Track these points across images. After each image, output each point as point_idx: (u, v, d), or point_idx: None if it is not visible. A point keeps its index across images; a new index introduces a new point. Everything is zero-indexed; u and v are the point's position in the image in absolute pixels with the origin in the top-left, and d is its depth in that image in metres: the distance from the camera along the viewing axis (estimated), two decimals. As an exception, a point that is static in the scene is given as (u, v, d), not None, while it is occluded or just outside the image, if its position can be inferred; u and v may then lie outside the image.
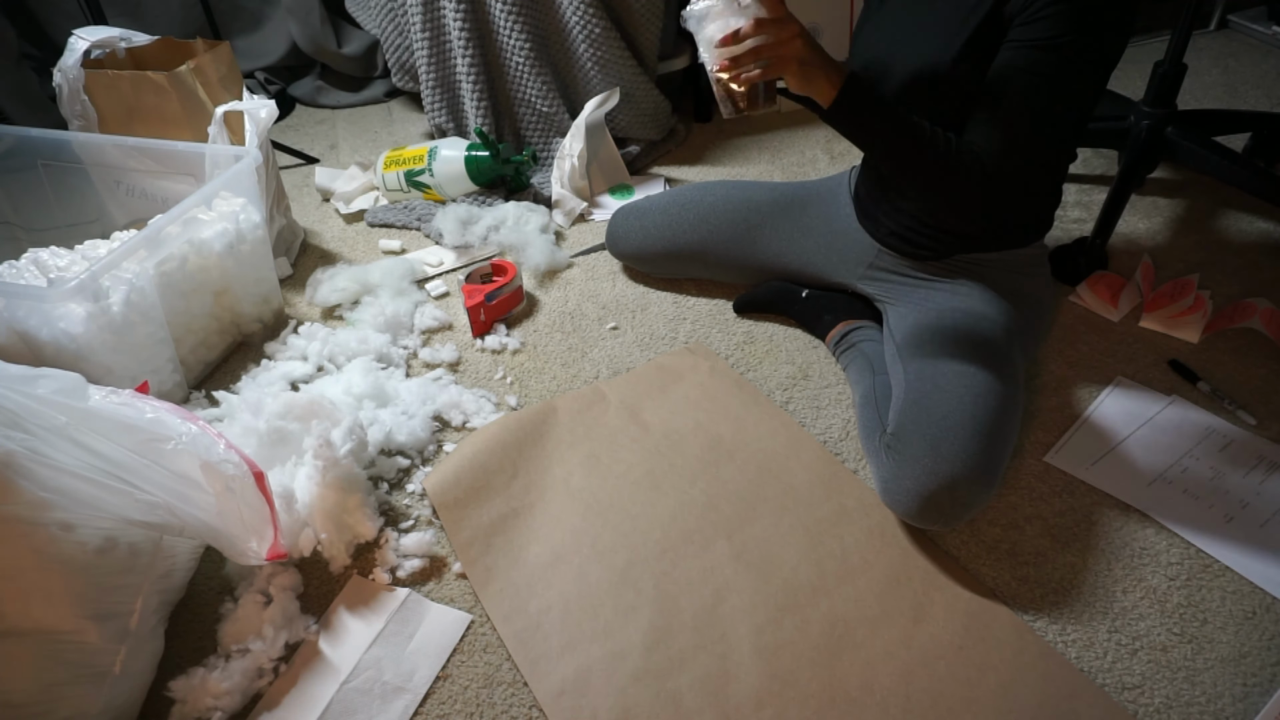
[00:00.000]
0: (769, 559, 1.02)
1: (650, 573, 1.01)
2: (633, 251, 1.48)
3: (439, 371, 1.34)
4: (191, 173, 1.41)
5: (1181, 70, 1.49)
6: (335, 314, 1.49)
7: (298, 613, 0.99)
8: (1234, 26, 2.33)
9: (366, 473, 1.13)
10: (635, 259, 1.50)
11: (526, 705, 0.91)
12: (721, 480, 1.12)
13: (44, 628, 0.80)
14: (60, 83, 1.50)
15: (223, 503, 0.90)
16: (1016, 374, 1.08)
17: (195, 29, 2.21)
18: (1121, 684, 0.89)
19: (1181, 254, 1.50)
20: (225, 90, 1.54)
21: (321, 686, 0.93)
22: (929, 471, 0.97)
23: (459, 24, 1.75)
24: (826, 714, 0.87)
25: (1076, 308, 1.39)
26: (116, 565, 0.85)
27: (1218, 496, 1.07)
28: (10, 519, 0.76)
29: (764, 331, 1.39)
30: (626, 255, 1.51)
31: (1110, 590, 0.98)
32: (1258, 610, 0.95)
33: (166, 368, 1.25)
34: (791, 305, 1.38)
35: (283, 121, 2.24)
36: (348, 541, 1.05)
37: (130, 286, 1.15)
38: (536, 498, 1.12)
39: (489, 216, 1.63)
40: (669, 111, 1.93)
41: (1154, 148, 1.52)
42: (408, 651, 0.96)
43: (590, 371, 1.34)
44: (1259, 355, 1.28)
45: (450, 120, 1.90)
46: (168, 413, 0.90)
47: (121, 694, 0.87)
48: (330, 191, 1.84)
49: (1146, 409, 1.19)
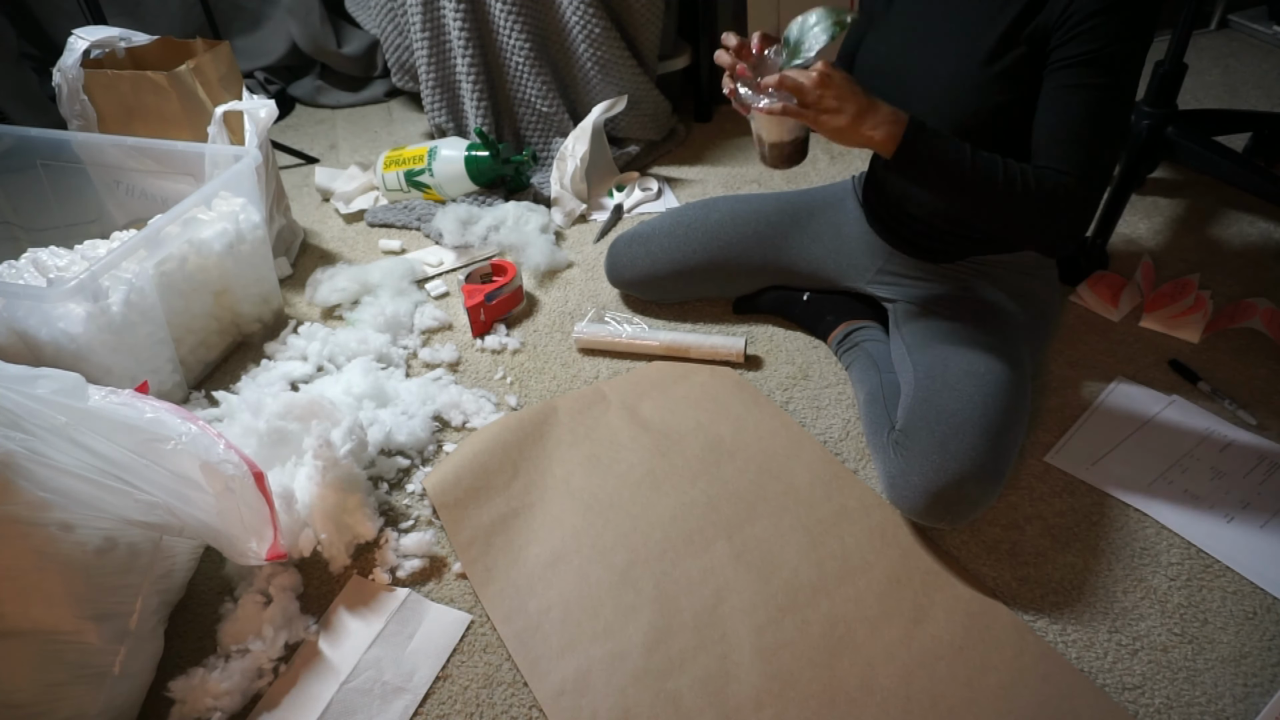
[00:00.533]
0: (769, 559, 1.02)
1: (650, 573, 1.01)
2: (639, 277, 1.42)
3: (439, 371, 1.34)
4: (191, 173, 1.41)
5: (1181, 70, 1.49)
6: (335, 314, 1.49)
7: (298, 613, 0.99)
8: (1234, 26, 2.33)
9: (366, 473, 1.13)
10: (641, 285, 1.43)
11: (526, 705, 0.91)
12: (722, 481, 1.12)
13: (44, 628, 0.80)
14: (60, 83, 1.50)
15: (222, 503, 0.90)
16: (1025, 374, 1.08)
17: (195, 29, 2.21)
18: (1122, 684, 0.89)
19: (1181, 254, 1.50)
20: (225, 90, 1.54)
21: (321, 687, 0.92)
22: (937, 469, 0.97)
23: (459, 24, 1.75)
24: (826, 714, 0.87)
25: (1077, 308, 1.39)
26: (116, 565, 0.85)
27: (1218, 496, 1.07)
28: (10, 519, 0.76)
29: (764, 332, 1.39)
30: (632, 283, 1.44)
31: (1110, 590, 0.98)
32: (1258, 610, 0.95)
33: (166, 368, 1.25)
34: (793, 309, 1.38)
35: (283, 121, 2.24)
36: (348, 542, 1.05)
37: (130, 286, 1.15)
38: (537, 498, 1.11)
39: (489, 216, 1.63)
40: (669, 112, 1.93)
41: (1154, 148, 1.52)
42: (408, 652, 0.96)
43: (590, 371, 1.34)
44: (1259, 355, 1.28)
45: (450, 120, 1.90)
46: (167, 413, 0.90)
47: (121, 694, 0.87)
48: (330, 191, 1.84)
49: (1147, 409, 1.19)
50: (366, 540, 1.07)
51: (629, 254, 1.42)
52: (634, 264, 1.41)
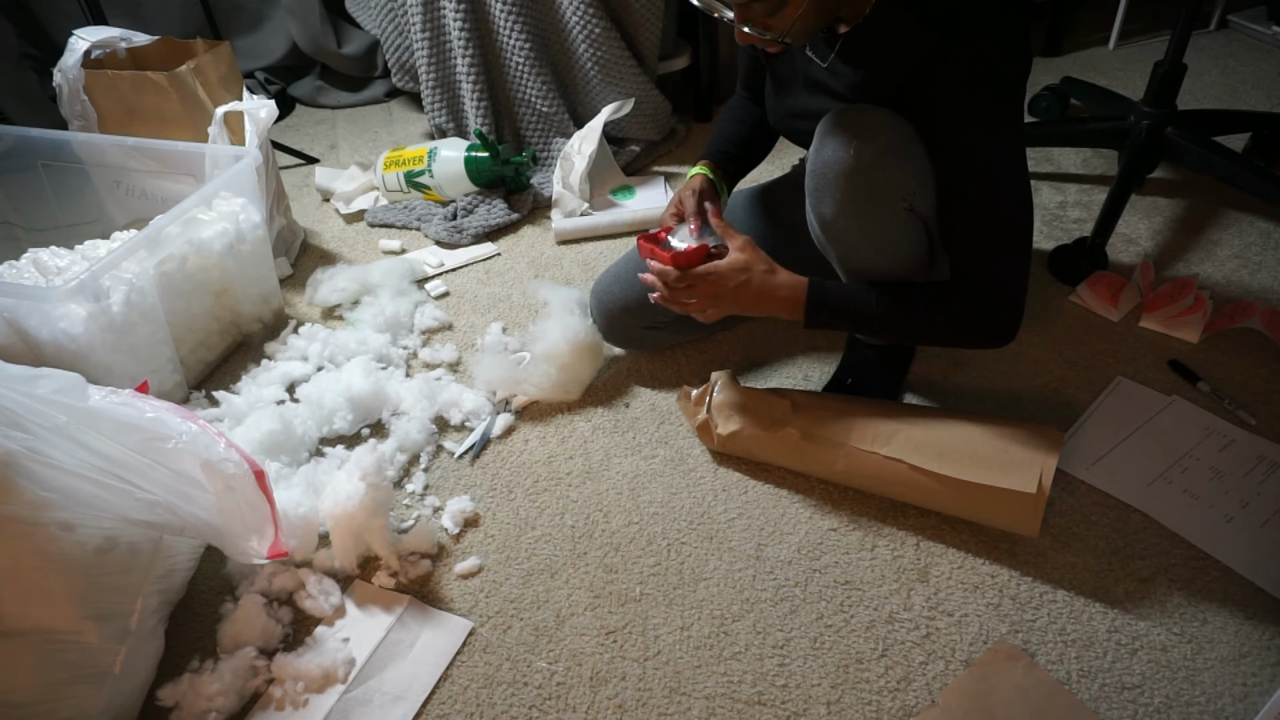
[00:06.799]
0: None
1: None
2: (629, 307, 1.26)
3: (439, 371, 1.34)
4: (191, 173, 1.41)
5: (1181, 70, 1.49)
6: (335, 314, 1.49)
7: (298, 617, 0.99)
8: (1234, 26, 2.32)
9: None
10: (631, 322, 1.27)
11: (526, 705, 0.91)
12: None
13: (44, 628, 0.80)
14: (60, 83, 1.50)
15: (223, 501, 0.90)
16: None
17: (195, 29, 2.21)
18: (1122, 684, 0.89)
19: (1181, 254, 1.50)
20: (225, 90, 1.54)
21: (321, 696, 0.92)
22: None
23: (459, 24, 1.75)
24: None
25: (1076, 308, 1.39)
26: (116, 565, 0.85)
27: (1218, 496, 1.07)
28: (10, 519, 0.76)
29: (765, 332, 1.39)
30: (623, 316, 1.27)
31: (1110, 590, 0.98)
32: (1258, 610, 0.95)
33: (166, 368, 1.25)
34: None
35: (283, 121, 2.25)
36: (359, 554, 1.05)
37: (130, 286, 1.15)
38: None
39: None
40: (669, 112, 1.93)
41: (1154, 148, 1.53)
42: (408, 660, 0.95)
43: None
44: (1259, 355, 1.28)
45: (450, 120, 1.90)
46: (168, 412, 0.90)
47: (121, 694, 0.87)
48: (330, 191, 1.84)
49: (1146, 409, 1.19)
50: (377, 556, 1.06)
51: (622, 297, 1.26)
52: (624, 296, 1.26)
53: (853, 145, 0.94)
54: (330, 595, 1.00)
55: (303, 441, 1.19)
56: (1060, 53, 2.27)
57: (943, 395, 1.24)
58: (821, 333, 1.36)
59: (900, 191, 0.95)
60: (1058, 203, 1.66)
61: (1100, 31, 2.33)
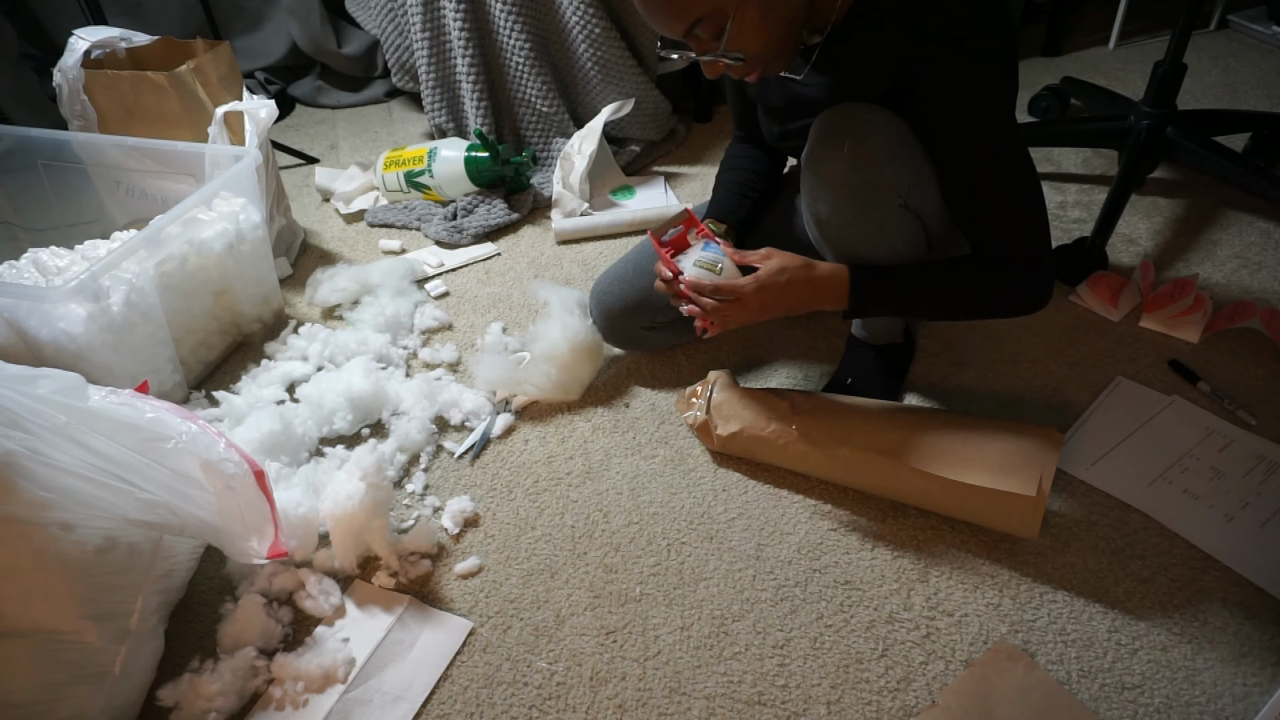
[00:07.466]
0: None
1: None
2: (630, 307, 1.26)
3: (439, 371, 1.34)
4: (191, 173, 1.41)
5: (1181, 70, 1.49)
6: (335, 314, 1.49)
7: (298, 617, 0.99)
8: (1234, 26, 2.33)
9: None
10: (634, 321, 1.27)
11: (526, 705, 0.91)
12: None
13: (44, 628, 0.80)
14: (60, 83, 1.50)
15: (223, 501, 0.90)
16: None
17: (195, 29, 2.21)
18: (1122, 684, 0.89)
19: (1181, 254, 1.50)
20: (225, 90, 1.54)
21: (321, 696, 0.92)
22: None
23: (459, 24, 1.75)
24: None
25: (1076, 308, 1.39)
26: (116, 565, 0.85)
27: (1218, 496, 1.07)
28: (10, 519, 0.76)
29: (764, 331, 1.39)
30: (623, 316, 1.27)
31: (1110, 590, 0.98)
32: (1258, 610, 0.95)
33: (166, 368, 1.25)
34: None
35: (283, 121, 2.25)
36: (359, 554, 1.05)
37: (130, 286, 1.15)
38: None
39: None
40: (669, 112, 1.93)
41: (1154, 147, 1.53)
42: (408, 661, 0.95)
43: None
44: (1259, 355, 1.28)
45: (450, 120, 1.90)
46: (168, 412, 0.90)
47: (121, 694, 0.87)
48: (330, 191, 1.84)
49: (1146, 409, 1.19)
50: (377, 556, 1.06)
51: (622, 297, 1.26)
52: (624, 296, 1.26)
53: (847, 143, 0.94)
54: (330, 595, 1.00)
55: (303, 441, 1.19)
56: (1060, 53, 2.27)
57: (943, 395, 1.24)
58: (821, 333, 1.36)
59: (895, 188, 0.95)
60: (1058, 202, 1.66)
61: (1100, 31, 2.33)
